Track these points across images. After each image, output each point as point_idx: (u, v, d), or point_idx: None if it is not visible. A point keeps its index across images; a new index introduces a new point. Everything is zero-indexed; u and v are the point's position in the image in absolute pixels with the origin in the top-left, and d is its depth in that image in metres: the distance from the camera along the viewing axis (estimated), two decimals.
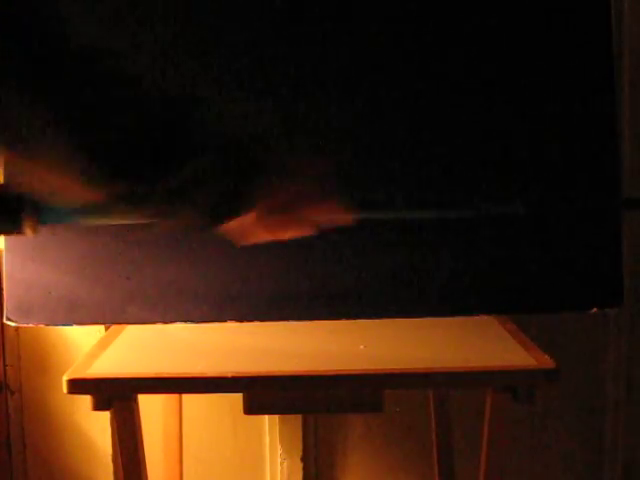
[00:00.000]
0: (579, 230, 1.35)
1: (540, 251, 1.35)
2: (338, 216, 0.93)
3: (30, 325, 1.36)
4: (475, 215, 1.05)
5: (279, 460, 1.80)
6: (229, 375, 1.14)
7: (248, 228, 0.88)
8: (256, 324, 1.34)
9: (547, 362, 1.18)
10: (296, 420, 1.78)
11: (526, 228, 1.35)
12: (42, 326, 1.40)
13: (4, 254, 1.35)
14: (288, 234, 0.91)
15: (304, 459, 1.81)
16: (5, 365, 1.72)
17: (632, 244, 1.72)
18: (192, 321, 1.34)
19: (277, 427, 1.79)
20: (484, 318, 1.39)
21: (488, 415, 1.20)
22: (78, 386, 1.15)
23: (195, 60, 1.33)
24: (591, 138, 1.36)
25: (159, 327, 1.35)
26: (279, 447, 1.80)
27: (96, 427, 1.74)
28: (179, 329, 1.35)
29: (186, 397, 1.69)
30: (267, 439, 1.81)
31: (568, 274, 1.35)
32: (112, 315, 1.34)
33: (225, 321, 1.34)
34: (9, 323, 1.34)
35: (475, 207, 1.09)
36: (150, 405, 1.58)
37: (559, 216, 1.35)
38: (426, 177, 1.35)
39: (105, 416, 1.69)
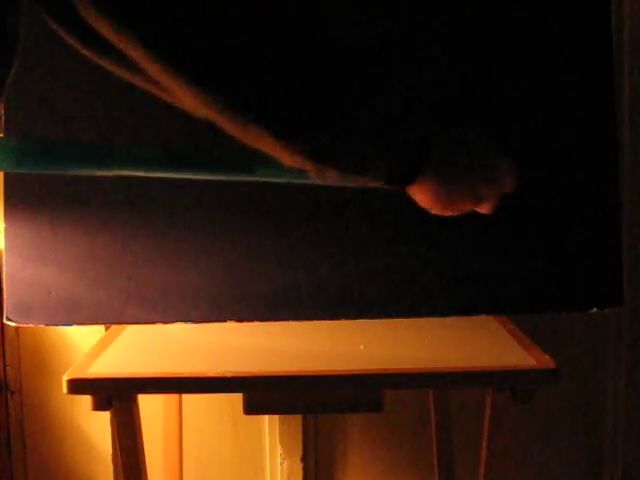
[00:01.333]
0: (579, 230, 1.35)
1: (540, 251, 1.35)
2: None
3: (30, 325, 1.36)
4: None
5: (279, 460, 1.80)
6: (229, 375, 1.14)
7: (427, 203, 0.88)
8: (256, 324, 1.34)
9: (547, 362, 1.18)
10: (296, 420, 1.78)
11: (526, 228, 1.35)
12: (42, 326, 1.40)
13: (4, 254, 1.35)
14: (460, 208, 0.90)
15: (304, 459, 1.81)
16: (5, 365, 1.72)
17: (632, 244, 1.72)
18: (192, 321, 1.34)
19: (277, 427, 1.79)
20: (484, 318, 1.39)
21: (488, 415, 1.20)
22: (78, 386, 1.15)
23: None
24: (591, 138, 1.36)
25: (159, 327, 1.35)
26: (279, 447, 1.80)
27: (96, 427, 1.74)
28: (179, 329, 1.35)
29: (186, 397, 1.69)
30: (267, 439, 1.81)
31: (568, 274, 1.35)
32: (112, 315, 1.34)
33: (225, 321, 1.34)
34: (9, 323, 1.34)
35: None
36: (150, 405, 1.58)
37: (559, 216, 1.35)
38: None
39: (105, 416, 1.69)
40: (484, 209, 0.92)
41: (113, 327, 1.42)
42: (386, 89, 0.76)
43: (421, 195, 0.87)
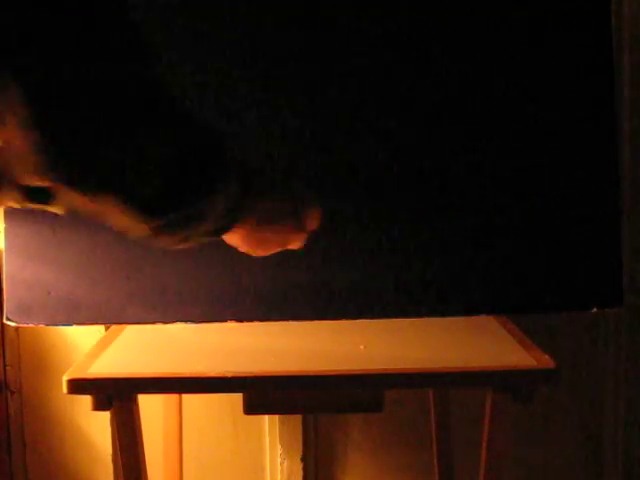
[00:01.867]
0: (579, 230, 1.35)
1: (540, 251, 1.35)
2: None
3: (30, 325, 1.36)
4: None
5: (279, 460, 1.80)
6: (229, 375, 1.14)
7: (237, 243, 0.95)
8: (256, 324, 1.34)
9: (547, 362, 1.18)
10: (296, 420, 1.78)
11: (526, 228, 1.35)
12: (42, 326, 1.40)
13: (4, 254, 1.35)
14: (269, 250, 0.98)
15: (304, 459, 1.81)
16: (5, 365, 1.72)
17: (632, 244, 1.72)
18: (192, 321, 1.34)
19: (277, 427, 1.79)
20: (484, 318, 1.39)
21: (488, 415, 1.20)
22: (78, 386, 1.15)
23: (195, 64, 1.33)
24: (591, 138, 1.36)
25: (159, 327, 1.35)
26: (279, 447, 1.80)
27: (96, 427, 1.74)
28: (179, 329, 1.35)
29: (186, 397, 1.69)
30: (267, 439, 1.81)
31: (568, 274, 1.35)
32: (112, 315, 1.34)
33: (225, 321, 1.34)
34: (9, 323, 1.34)
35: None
36: (150, 405, 1.58)
37: (559, 216, 1.35)
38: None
39: (105, 416, 1.69)
40: (293, 247, 0.99)
41: (113, 327, 1.42)
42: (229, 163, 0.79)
43: (229, 238, 0.92)
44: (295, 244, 0.99)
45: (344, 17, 1.35)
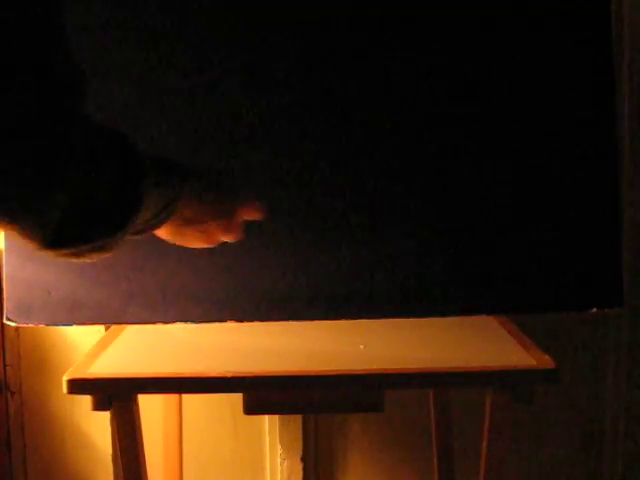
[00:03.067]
0: (579, 230, 1.35)
1: (540, 251, 1.35)
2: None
3: (30, 325, 1.36)
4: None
5: (279, 460, 1.81)
6: (229, 375, 1.14)
7: (164, 237, 0.98)
8: (256, 324, 1.34)
9: (547, 362, 1.18)
10: (296, 420, 1.78)
11: (526, 228, 1.35)
12: (42, 326, 1.40)
13: (4, 254, 1.35)
14: (198, 245, 1.01)
15: (304, 459, 1.81)
16: (5, 365, 1.72)
17: (632, 244, 1.73)
18: (192, 321, 1.34)
19: (277, 427, 1.79)
20: (484, 318, 1.39)
21: (488, 415, 1.20)
22: (78, 386, 1.15)
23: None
24: (591, 138, 1.36)
25: (159, 327, 1.35)
26: (279, 447, 1.80)
27: (96, 427, 1.74)
28: (179, 329, 1.35)
29: (186, 397, 1.69)
30: (267, 439, 1.81)
31: (568, 274, 1.35)
32: (112, 315, 1.34)
33: (225, 321, 1.34)
34: (9, 323, 1.34)
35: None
36: (150, 405, 1.58)
37: (559, 216, 1.35)
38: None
39: (105, 416, 1.69)
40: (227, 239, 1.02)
41: (113, 327, 1.42)
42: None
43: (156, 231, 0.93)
44: (228, 238, 1.02)
45: (343, 17, 1.35)
